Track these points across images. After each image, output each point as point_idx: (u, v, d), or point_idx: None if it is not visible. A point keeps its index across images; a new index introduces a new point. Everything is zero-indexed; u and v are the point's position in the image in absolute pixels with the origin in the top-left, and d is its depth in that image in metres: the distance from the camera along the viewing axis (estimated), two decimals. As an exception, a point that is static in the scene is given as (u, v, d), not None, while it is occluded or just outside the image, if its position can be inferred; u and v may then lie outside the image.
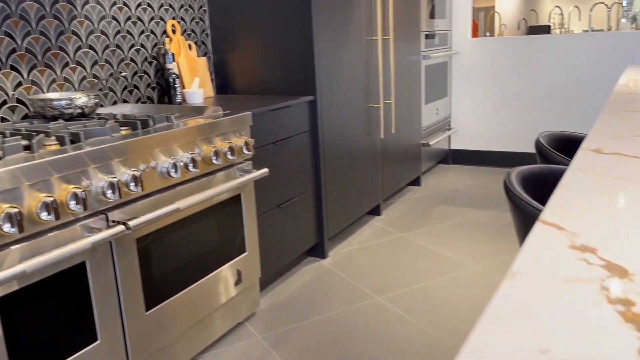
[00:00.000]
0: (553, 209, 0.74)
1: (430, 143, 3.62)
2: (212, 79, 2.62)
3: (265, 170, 1.95)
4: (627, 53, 3.52)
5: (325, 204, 2.54)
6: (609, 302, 0.49)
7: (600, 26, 8.16)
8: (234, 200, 1.91)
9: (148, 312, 1.59)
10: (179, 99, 2.28)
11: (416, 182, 3.69)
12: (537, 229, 0.67)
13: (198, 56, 2.52)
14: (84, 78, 2.03)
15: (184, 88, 2.36)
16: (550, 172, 1.32)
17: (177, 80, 2.26)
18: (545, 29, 5.66)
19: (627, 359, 0.41)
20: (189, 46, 2.44)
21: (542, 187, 1.31)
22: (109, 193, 1.42)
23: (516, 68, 3.85)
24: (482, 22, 7.36)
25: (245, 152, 1.89)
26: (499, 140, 4.02)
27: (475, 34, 4.65)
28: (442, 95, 3.92)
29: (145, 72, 2.28)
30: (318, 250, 2.58)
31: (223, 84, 2.62)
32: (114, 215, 1.47)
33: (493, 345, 0.43)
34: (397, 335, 1.93)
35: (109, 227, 1.44)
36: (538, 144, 1.67)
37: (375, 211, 3.13)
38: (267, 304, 2.18)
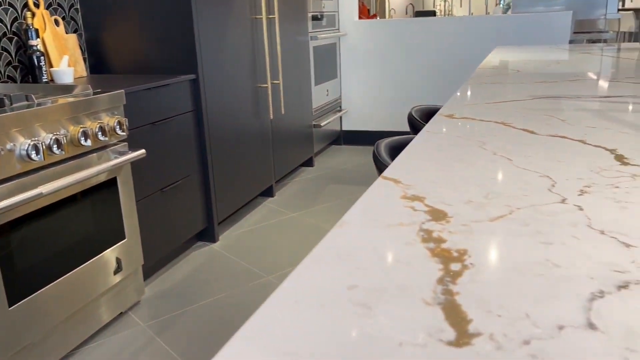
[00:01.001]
0: (396, 166, 0.77)
1: (322, 124, 3.67)
2: (84, 58, 2.45)
3: (142, 151, 1.86)
4: (497, 35, 3.78)
5: (214, 187, 2.49)
6: (422, 241, 0.52)
7: (480, 12, 8.71)
8: (110, 184, 1.81)
9: (11, 308, 1.47)
10: (45, 78, 2.10)
11: (309, 162, 3.73)
12: (377, 183, 0.70)
13: (67, 33, 2.35)
14: None
15: (51, 67, 2.19)
16: (415, 141, 1.38)
17: (42, 58, 2.08)
18: (431, 14, 5.94)
19: (427, 287, 0.43)
20: (56, 22, 2.26)
21: (409, 155, 1.37)
22: (-46, 178, 1.28)
23: (401, 49, 4.00)
24: (373, 7, 7.57)
25: (119, 132, 1.79)
26: (388, 120, 4.17)
27: (366, 18, 4.76)
28: (332, 76, 3.98)
29: (5, 50, 2.08)
30: (208, 235, 2.53)
31: (97, 63, 2.47)
32: (-37, 203, 1.33)
33: (307, 284, 0.44)
34: (286, 310, 1.94)
35: (-44, 216, 1.30)
36: (410, 117, 1.74)
37: (268, 192, 3.13)
38: (153, 291, 2.11)
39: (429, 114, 1.76)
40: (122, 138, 1.84)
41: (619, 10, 4.58)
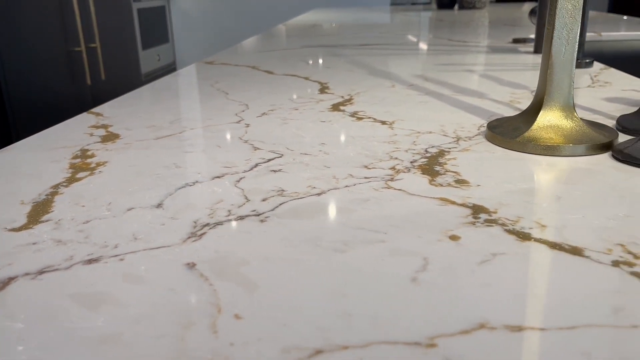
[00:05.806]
0: (112, 104, 0.79)
1: (153, 90, 3.55)
2: None
3: None
4: (325, -1, 3.93)
5: (21, 158, 2.31)
6: (71, 158, 0.54)
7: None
8: None
9: None
10: None
11: (144, 130, 3.60)
12: (77, 117, 0.71)
13: None
14: None
15: None
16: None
17: None
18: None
19: (34, 192, 0.45)
20: None
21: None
22: None
23: (232, 12, 3.98)
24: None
25: None
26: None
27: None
28: (163, 40, 3.85)
29: None
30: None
31: None
32: None
33: None
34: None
35: None
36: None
37: (95, 163, 2.98)
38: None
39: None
40: None
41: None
